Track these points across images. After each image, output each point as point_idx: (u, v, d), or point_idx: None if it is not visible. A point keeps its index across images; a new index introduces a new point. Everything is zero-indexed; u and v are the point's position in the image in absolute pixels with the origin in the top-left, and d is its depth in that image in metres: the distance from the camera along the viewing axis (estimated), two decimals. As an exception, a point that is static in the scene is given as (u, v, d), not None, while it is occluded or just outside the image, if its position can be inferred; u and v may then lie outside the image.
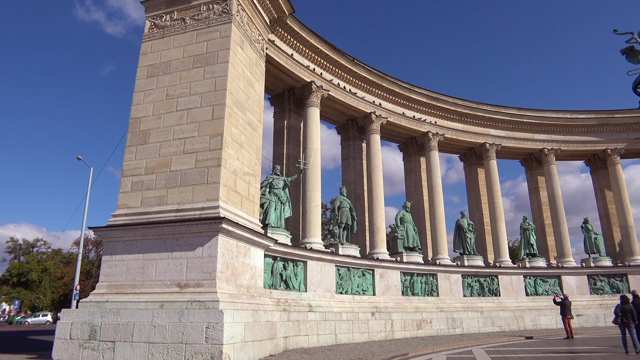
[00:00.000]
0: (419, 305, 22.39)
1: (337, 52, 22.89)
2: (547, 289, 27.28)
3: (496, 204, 29.00)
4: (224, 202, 13.30)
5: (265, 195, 17.99)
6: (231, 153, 14.20)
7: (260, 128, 17.14)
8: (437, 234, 26.41)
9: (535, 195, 34.14)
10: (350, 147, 27.25)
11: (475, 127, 30.05)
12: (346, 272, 20.24)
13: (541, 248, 31.12)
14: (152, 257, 12.84)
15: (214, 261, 12.38)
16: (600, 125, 31.96)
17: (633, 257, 29.24)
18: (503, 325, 24.60)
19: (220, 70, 14.68)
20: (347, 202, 22.33)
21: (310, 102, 21.97)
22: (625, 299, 14.39)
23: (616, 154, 31.54)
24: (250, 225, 14.45)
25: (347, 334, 18.31)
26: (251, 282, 14.34)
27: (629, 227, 30.07)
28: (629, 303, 14.24)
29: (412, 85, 27.23)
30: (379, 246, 23.01)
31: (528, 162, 34.05)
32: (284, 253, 17.24)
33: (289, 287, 17.30)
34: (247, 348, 12.27)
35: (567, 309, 20.03)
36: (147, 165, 14.14)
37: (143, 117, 14.85)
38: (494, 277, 26.32)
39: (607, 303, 26.88)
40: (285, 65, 20.82)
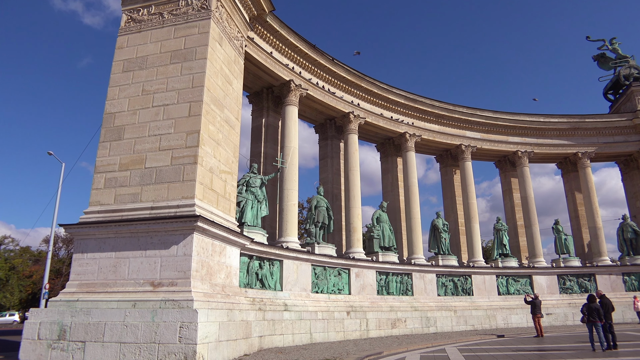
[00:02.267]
0: (394, 305, 22.58)
1: (317, 52, 22.88)
2: (519, 288, 27.86)
3: (471, 205, 29.46)
4: (199, 200, 13.15)
5: (242, 193, 17.87)
6: (208, 151, 14.05)
7: (238, 126, 17.01)
8: (412, 234, 26.67)
9: (508, 197, 34.81)
10: (328, 147, 27.28)
11: (452, 129, 30.46)
12: (322, 271, 20.27)
13: (513, 248, 31.77)
14: (125, 255, 12.61)
15: (189, 260, 12.23)
16: (572, 130, 32.79)
17: (601, 258, 30.11)
18: (476, 324, 25.02)
19: (198, 66, 14.50)
20: (324, 202, 22.35)
21: (289, 101, 21.91)
22: (592, 298, 14.76)
23: (586, 158, 32.39)
24: (226, 224, 14.32)
25: (322, 333, 18.35)
26: (226, 281, 14.22)
27: (597, 229, 30.94)
28: (595, 302, 14.62)
29: (391, 86, 27.42)
30: (355, 245, 23.12)
31: (502, 164, 34.70)
32: (260, 252, 17.16)
33: (265, 286, 17.23)
34: (221, 347, 12.17)
35: (537, 308, 20.51)
36: (121, 162, 13.88)
37: (118, 112, 14.56)
38: (468, 276, 26.75)
39: (575, 302, 27.60)
40: (264, 63, 20.71)
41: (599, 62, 37.87)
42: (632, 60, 35.64)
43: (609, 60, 36.98)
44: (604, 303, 14.87)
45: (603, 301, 15.00)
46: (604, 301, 14.99)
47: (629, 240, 30.70)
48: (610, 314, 14.72)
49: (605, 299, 15.14)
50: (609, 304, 14.94)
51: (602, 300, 15.03)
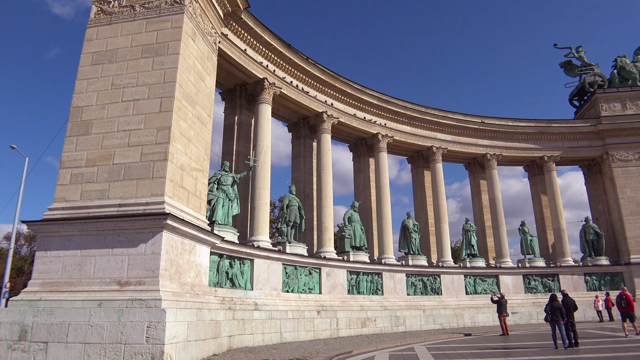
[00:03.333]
0: (364, 304, 22.74)
1: (291, 50, 22.81)
2: (486, 288, 28.48)
3: (440, 206, 29.92)
4: (169, 197, 12.93)
5: (213, 191, 17.68)
6: (179, 147, 13.83)
7: (210, 123, 16.80)
8: (383, 234, 26.91)
9: (477, 198, 35.54)
10: (301, 146, 27.25)
11: (424, 131, 30.88)
12: (293, 270, 20.23)
13: (481, 249, 32.46)
14: (91, 253, 12.28)
15: (158, 258, 12.01)
16: (539, 134, 33.71)
17: (564, 259, 31.06)
18: (444, 323, 25.44)
19: (170, 61, 14.25)
20: (296, 201, 22.32)
21: (262, 99, 21.77)
22: (555, 298, 15.19)
23: (552, 161, 33.36)
24: (196, 222, 14.13)
25: (292, 332, 18.32)
26: (196, 280, 14.03)
27: (561, 230, 31.91)
28: (557, 301, 15.05)
29: (364, 87, 27.59)
30: (327, 245, 23.17)
31: (472, 166, 35.39)
32: (230, 251, 17.01)
33: (235, 286, 17.08)
34: (189, 348, 12.00)
35: (503, 307, 21.00)
36: (88, 157, 13.50)
37: (85, 106, 14.16)
38: (437, 276, 27.18)
39: (539, 301, 28.40)
40: (238, 61, 20.51)
41: (565, 69, 39.05)
42: (597, 68, 36.86)
43: (575, 68, 38.15)
44: (566, 302, 15.33)
45: (566, 300, 15.45)
46: (566, 300, 15.45)
47: (590, 242, 31.78)
48: (572, 313, 15.17)
49: (568, 298, 15.61)
50: (572, 303, 15.41)
51: (565, 300, 15.49)
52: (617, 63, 36.30)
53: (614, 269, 30.84)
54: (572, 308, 15.26)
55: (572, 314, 15.14)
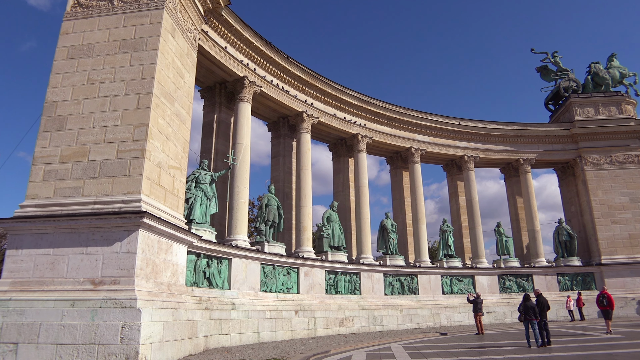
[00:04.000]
0: (342, 304, 22.80)
1: (272, 49, 22.71)
2: (462, 287, 28.86)
3: (419, 207, 30.20)
4: (146, 195, 12.73)
5: (190, 190, 17.48)
6: (156, 145, 13.63)
7: (189, 120, 16.61)
8: (362, 234, 27.03)
9: (454, 199, 36.00)
10: (280, 145, 27.16)
11: (403, 132, 31.12)
12: (271, 270, 20.16)
13: (458, 249, 32.87)
14: (64, 252, 12.00)
15: (133, 257, 11.81)
16: (515, 137, 34.33)
17: (538, 259, 31.70)
18: (420, 322, 25.68)
19: (149, 57, 14.03)
20: (274, 200, 22.24)
21: (242, 97, 21.63)
22: (528, 297, 15.52)
23: (527, 164, 34.01)
24: (173, 221, 13.95)
25: (270, 332, 18.25)
26: (172, 280, 13.86)
27: (535, 231, 32.57)
28: (531, 300, 15.36)
29: (345, 87, 27.66)
30: (305, 245, 23.15)
31: (449, 168, 35.83)
32: (208, 250, 16.85)
33: (212, 285, 16.93)
34: (165, 348, 11.84)
35: (478, 306, 21.35)
36: (62, 154, 13.19)
37: (60, 101, 13.83)
38: (414, 276, 27.42)
39: (514, 301, 28.92)
40: (218, 58, 20.33)
41: (541, 74, 39.87)
42: (572, 73, 37.73)
43: (550, 73, 38.99)
44: (540, 302, 15.64)
45: (539, 300, 15.77)
46: (540, 300, 15.77)
47: (563, 243, 32.52)
48: (545, 312, 15.50)
49: (541, 298, 15.93)
50: (545, 303, 15.73)
51: (539, 299, 15.81)
52: (591, 69, 37.24)
53: (585, 269, 31.61)
54: (546, 307, 15.59)
55: (546, 313, 15.49)
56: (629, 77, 37.05)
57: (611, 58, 38.00)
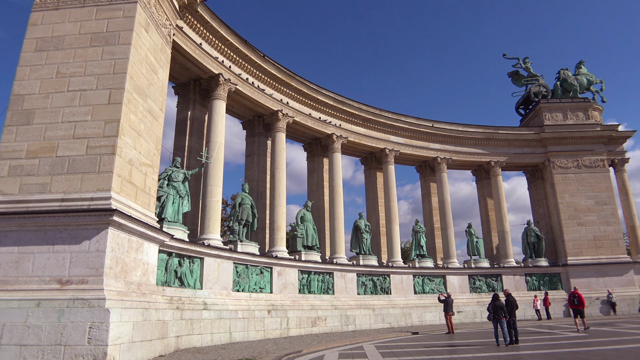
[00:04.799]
0: (314, 303, 22.80)
1: (248, 47, 22.54)
2: (433, 287, 29.25)
3: (392, 207, 30.46)
4: (116, 193, 12.45)
5: (163, 188, 17.20)
6: (128, 141, 13.34)
7: (162, 117, 16.32)
8: (335, 234, 27.10)
9: (427, 200, 36.47)
10: (255, 144, 26.98)
11: (377, 133, 31.34)
12: (244, 269, 20.00)
13: (430, 249, 33.34)
14: (30, 250, 11.62)
15: (102, 256, 11.53)
16: (487, 139, 35.00)
17: (507, 260, 32.41)
18: (392, 322, 25.91)
19: (122, 52, 13.72)
20: (248, 199, 22.08)
21: (217, 95, 21.39)
22: (497, 297, 15.90)
23: (498, 166, 34.73)
24: (144, 219, 13.69)
25: (242, 332, 18.11)
26: (143, 279, 13.60)
27: (505, 233, 33.28)
28: (499, 300, 15.73)
29: (320, 87, 27.67)
30: (279, 244, 23.07)
31: (423, 169, 36.28)
32: (180, 249, 16.60)
33: (184, 285, 16.69)
34: (134, 349, 11.61)
35: (449, 306, 21.67)
36: (29, 149, 12.78)
37: (28, 94, 13.39)
38: (387, 276, 27.65)
39: (483, 300, 29.48)
40: (193, 55, 20.05)
41: (512, 79, 40.79)
42: (542, 79, 38.75)
43: (521, 78, 39.94)
44: (509, 301, 16.04)
45: (509, 299, 16.16)
46: (509, 299, 16.16)
47: (532, 244, 33.36)
48: (514, 312, 15.88)
49: (511, 298, 16.33)
50: (514, 302, 16.11)
51: (508, 299, 16.21)
52: (560, 75, 38.32)
53: (552, 269, 32.50)
54: (515, 307, 15.97)
55: (514, 312, 15.86)
56: (596, 84, 38.30)
57: (579, 65, 39.18)
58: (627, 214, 34.82)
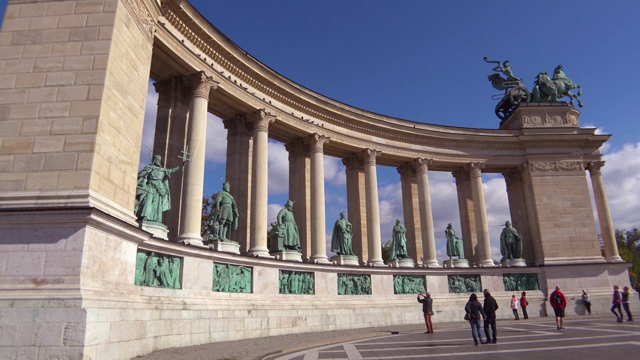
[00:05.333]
0: (295, 303, 22.76)
1: (230, 45, 22.39)
2: (413, 287, 29.48)
3: (373, 208, 30.59)
4: (94, 191, 12.23)
5: (142, 186, 16.95)
6: (107, 138, 13.12)
7: (142, 114, 16.09)
8: (316, 234, 27.10)
9: (408, 201, 36.74)
10: (236, 142, 26.81)
11: (359, 133, 31.45)
12: (224, 269, 19.86)
13: (410, 250, 33.59)
14: (3, 249, 11.31)
15: (79, 255, 11.31)
16: (467, 141, 35.43)
17: (486, 260, 32.86)
18: (372, 322, 26.03)
19: (101, 47, 13.48)
20: (229, 198, 21.93)
21: (199, 93, 21.18)
22: (475, 297, 16.30)
23: (478, 168, 35.18)
24: (123, 217, 13.47)
25: (222, 332, 17.97)
26: (121, 279, 13.39)
27: (484, 233, 33.73)
28: (477, 300, 16.13)
29: (303, 87, 27.63)
30: (260, 244, 22.97)
31: (404, 170, 36.55)
32: (159, 248, 16.39)
33: (163, 284, 16.48)
34: (112, 349, 11.42)
35: (428, 306, 21.88)
36: (4, 145, 12.45)
37: (3, 89, 13.04)
38: (367, 276, 27.76)
39: (462, 300, 29.80)
40: (175, 52, 19.82)
41: (493, 82, 41.40)
42: (521, 83, 39.41)
43: (501, 81, 40.56)
44: (489, 301, 16.30)
45: (488, 299, 16.42)
46: (488, 299, 16.41)
47: (510, 245, 33.88)
48: (494, 311, 16.14)
49: (490, 298, 16.57)
50: (493, 302, 16.36)
51: (487, 299, 16.46)
52: (539, 79, 39.02)
53: (529, 270, 33.07)
54: (494, 307, 16.22)
55: (493, 312, 16.10)
56: (574, 88, 39.11)
57: (558, 70, 39.96)
58: (602, 216, 35.64)
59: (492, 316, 15.98)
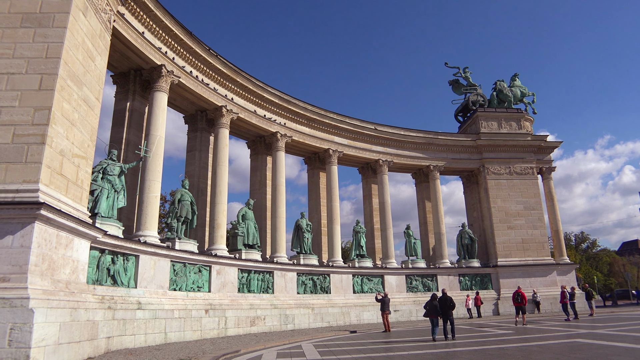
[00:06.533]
0: (254, 302, 22.56)
1: (193, 39, 21.93)
2: (372, 287, 29.80)
3: (334, 207, 30.73)
4: (45, 185, 11.67)
5: (97, 181, 16.34)
6: (60, 131, 12.55)
7: (98, 107, 15.50)
8: (277, 233, 26.96)
9: (368, 201, 37.11)
10: (197, 139, 26.29)
11: (322, 133, 31.51)
12: (182, 267, 19.44)
13: (370, 250, 33.95)
14: (-56, 244, 10.66)
15: (27, 252, 10.76)
16: (427, 144, 36.16)
17: (442, 260, 33.64)
18: (331, 321, 26.14)
19: (56, 35, 12.88)
20: (188, 196, 21.48)
21: (159, 87, 20.64)
22: (435, 297, 16.89)
23: (437, 170, 35.96)
24: (75, 214, 12.93)
25: (178, 332, 17.58)
26: (72, 277, 12.85)
27: (441, 234, 34.52)
28: (436, 300, 16.71)
29: (266, 85, 27.42)
30: (219, 242, 22.63)
31: (365, 171, 36.89)
32: (113, 246, 15.85)
33: (117, 283, 15.95)
34: (61, 351, 10.94)
35: (386, 305, 22.19)
36: (-54, 134, 11.71)
37: (-54, 75, 12.27)
38: (327, 275, 27.86)
39: (419, 300, 30.46)
40: (134, 43, 19.23)
41: (453, 87, 42.47)
42: (480, 89, 40.64)
43: (461, 87, 41.67)
44: (444, 300, 16.86)
45: (445, 298, 16.98)
46: (445, 298, 16.98)
47: (465, 246, 34.83)
48: (449, 310, 16.67)
49: (447, 297, 17.20)
50: (449, 301, 16.91)
51: (444, 297, 17.04)
52: (497, 86, 40.32)
53: (484, 270, 34.11)
54: (450, 305, 16.78)
55: (449, 311, 16.69)
56: (529, 96, 40.64)
57: (514, 77, 41.40)
58: (552, 219, 37.19)
59: (448, 315, 16.46)
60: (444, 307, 16.53)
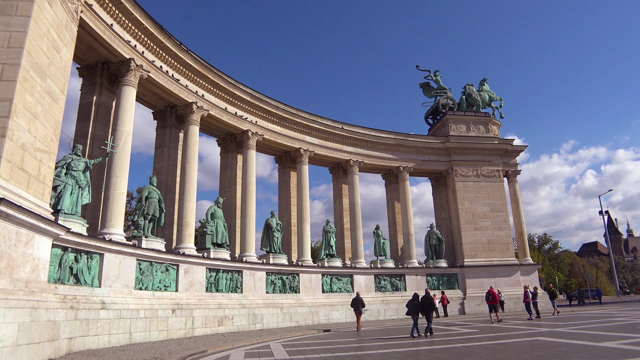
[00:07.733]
0: (222, 302, 22.30)
1: (164, 34, 21.50)
2: (341, 286, 29.92)
3: (304, 207, 30.70)
4: (5, 180, 11.20)
5: (60, 177, 15.80)
6: (21, 124, 12.07)
7: (63, 100, 14.98)
8: (246, 232, 26.73)
9: (338, 201, 37.24)
10: (166, 135, 25.80)
11: (293, 132, 31.43)
12: (148, 266, 19.03)
13: (339, 249, 34.08)
14: None
15: (-15, 250, 10.32)
16: (397, 145, 36.56)
17: (411, 261, 34.08)
18: (300, 320, 26.09)
19: (19, 24, 12.38)
20: (156, 193, 21.06)
21: (127, 81, 20.14)
22: (417, 297, 18.08)
23: (406, 172, 36.40)
24: (36, 210, 12.46)
25: (143, 332, 17.19)
26: (32, 276, 12.37)
27: (410, 235, 34.96)
28: (418, 300, 17.92)
29: (238, 82, 27.16)
30: (187, 241, 22.27)
31: (336, 171, 37.00)
32: (77, 244, 15.37)
33: (80, 282, 15.48)
34: (20, 352, 10.52)
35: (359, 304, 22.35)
36: None
37: None
38: (296, 274, 27.79)
39: (387, 299, 30.76)
40: (102, 35, 18.69)
41: (423, 90, 43.10)
42: (450, 92, 41.40)
43: (431, 89, 42.33)
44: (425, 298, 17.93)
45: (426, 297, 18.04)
46: (427, 297, 18.02)
47: (433, 246, 35.39)
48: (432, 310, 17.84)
49: (428, 296, 18.15)
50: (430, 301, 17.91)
51: (426, 296, 18.11)
52: (466, 90, 41.15)
53: (451, 270, 34.74)
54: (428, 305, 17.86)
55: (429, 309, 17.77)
56: (496, 100, 41.65)
57: (483, 82, 42.34)
58: (516, 221, 38.20)
59: (429, 313, 17.70)
60: (426, 306, 17.68)
